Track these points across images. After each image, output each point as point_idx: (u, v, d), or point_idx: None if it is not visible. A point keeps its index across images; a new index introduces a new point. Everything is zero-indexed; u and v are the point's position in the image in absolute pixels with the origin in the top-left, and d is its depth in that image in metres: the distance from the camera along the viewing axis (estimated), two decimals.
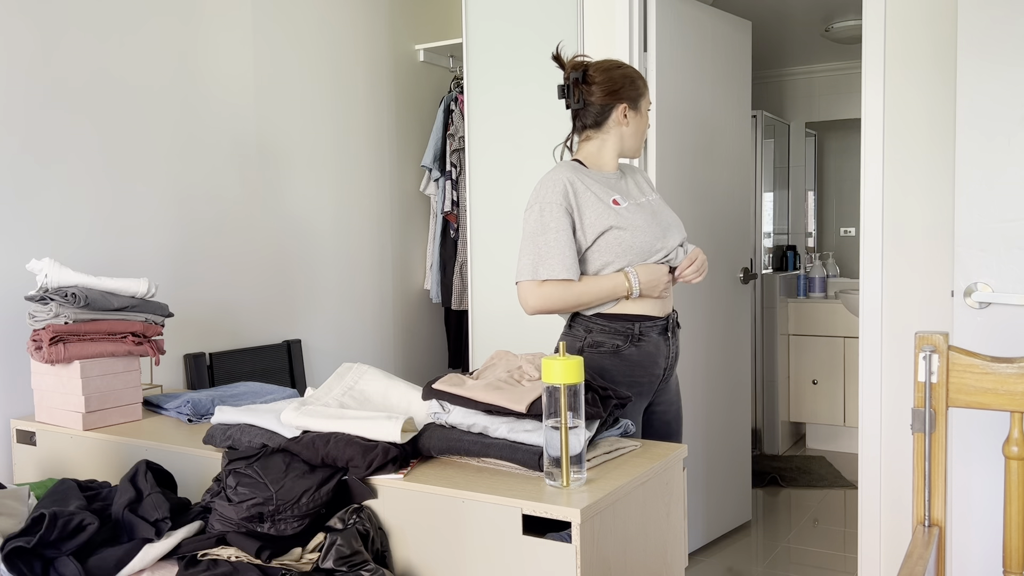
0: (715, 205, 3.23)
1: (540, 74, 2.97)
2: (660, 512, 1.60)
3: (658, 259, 1.96)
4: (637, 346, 1.95)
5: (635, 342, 1.95)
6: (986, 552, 1.98)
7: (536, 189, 1.95)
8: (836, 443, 4.54)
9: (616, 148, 2.04)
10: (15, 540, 1.44)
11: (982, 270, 1.93)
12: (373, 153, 3.37)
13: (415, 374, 3.60)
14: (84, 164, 2.36)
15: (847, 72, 4.79)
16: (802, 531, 3.38)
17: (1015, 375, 1.38)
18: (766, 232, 4.72)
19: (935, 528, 1.43)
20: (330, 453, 1.53)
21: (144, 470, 1.61)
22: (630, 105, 2.01)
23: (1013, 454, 1.39)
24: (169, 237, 2.59)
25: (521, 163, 3.03)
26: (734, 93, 3.33)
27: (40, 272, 2.01)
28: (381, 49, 3.39)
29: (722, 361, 3.30)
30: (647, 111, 2.06)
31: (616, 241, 1.91)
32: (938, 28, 2.39)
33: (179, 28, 2.60)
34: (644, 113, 2.05)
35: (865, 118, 2.50)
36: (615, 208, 1.93)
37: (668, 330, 2.00)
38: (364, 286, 3.34)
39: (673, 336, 2.03)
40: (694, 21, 3.08)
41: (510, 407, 1.51)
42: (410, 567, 1.51)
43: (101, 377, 2.02)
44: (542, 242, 1.89)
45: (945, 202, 2.40)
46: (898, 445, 2.50)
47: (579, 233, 1.92)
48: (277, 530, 1.46)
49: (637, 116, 2.03)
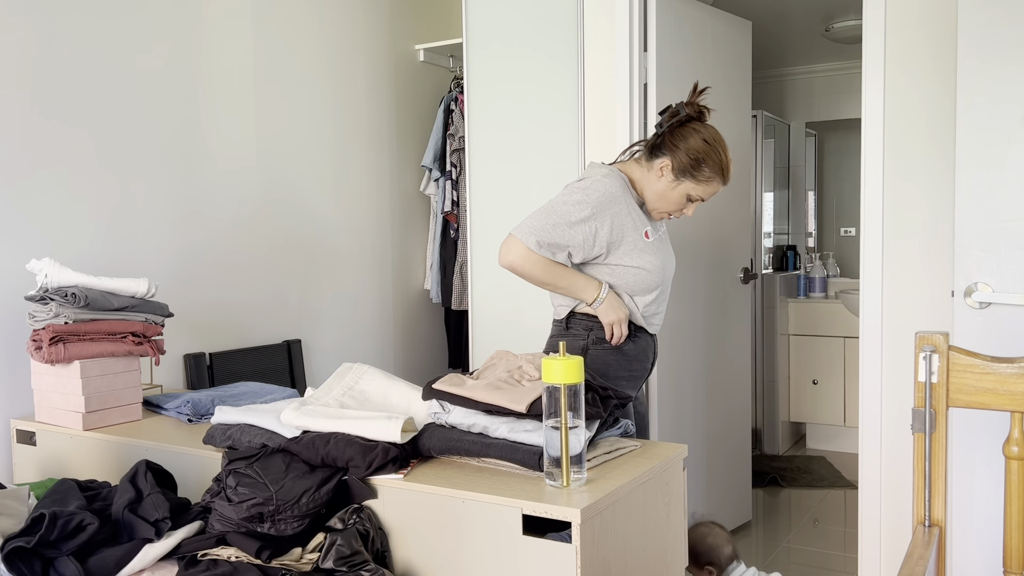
0: (715, 205, 3.23)
1: (541, 74, 2.97)
2: (660, 512, 1.60)
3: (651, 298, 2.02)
4: (634, 341, 2.03)
5: (631, 338, 2.03)
6: (986, 552, 1.98)
7: (588, 184, 1.95)
8: (836, 443, 4.54)
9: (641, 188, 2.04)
10: (15, 540, 1.44)
11: (982, 270, 1.93)
12: (373, 153, 3.37)
13: (415, 374, 3.60)
14: (84, 164, 2.36)
15: (847, 72, 4.79)
16: (802, 531, 3.38)
17: (1015, 375, 1.38)
18: (766, 232, 4.72)
19: (935, 528, 1.42)
20: (330, 453, 1.53)
21: (144, 470, 1.61)
22: (674, 168, 1.96)
23: (1013, 454, 1.39)
24: (169, 237, 2.59)
25: (521, 163, 3.03)
26: (734, 93, 3.33)
27: (40, 272, 2.01)
28: (381, 49, 3.39)
29: (722, 361, 3.30)
30: (686, 195, 1.98)
31: (633, 275, 1.97)
32: (938, 28, 2.39)
33: (179, 28, 2.60)
34: (681, 190, 1.98)
35: (865, 118, 2.50)
36: (644, 243, 1.97)
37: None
38: (364, 286, 3.34)
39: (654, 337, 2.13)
40: (694, 21, 3.08)
41: (510, 407, 1.51)
42: (410, 567, 1.51)
43: (101, 377, 2.02)
44: (553, 223, 1.91)
45: (945, 202, 2.40)
46: (898, 445, 2.50)
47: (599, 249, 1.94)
48: (277, 530, 1.46)
49: (673, 183, 1.97)
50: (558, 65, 2.94)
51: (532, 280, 1.95)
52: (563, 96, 2.93)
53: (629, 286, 1.98)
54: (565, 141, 2.93)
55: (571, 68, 2.91)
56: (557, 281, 1.94)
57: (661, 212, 2.03)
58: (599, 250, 1.94)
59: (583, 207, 1.91)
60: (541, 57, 2.97)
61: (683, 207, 2.01)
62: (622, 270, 1.97)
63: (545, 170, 2.98)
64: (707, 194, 1.99)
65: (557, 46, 2.94)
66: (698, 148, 1.94)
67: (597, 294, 1.94)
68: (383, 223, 3.43)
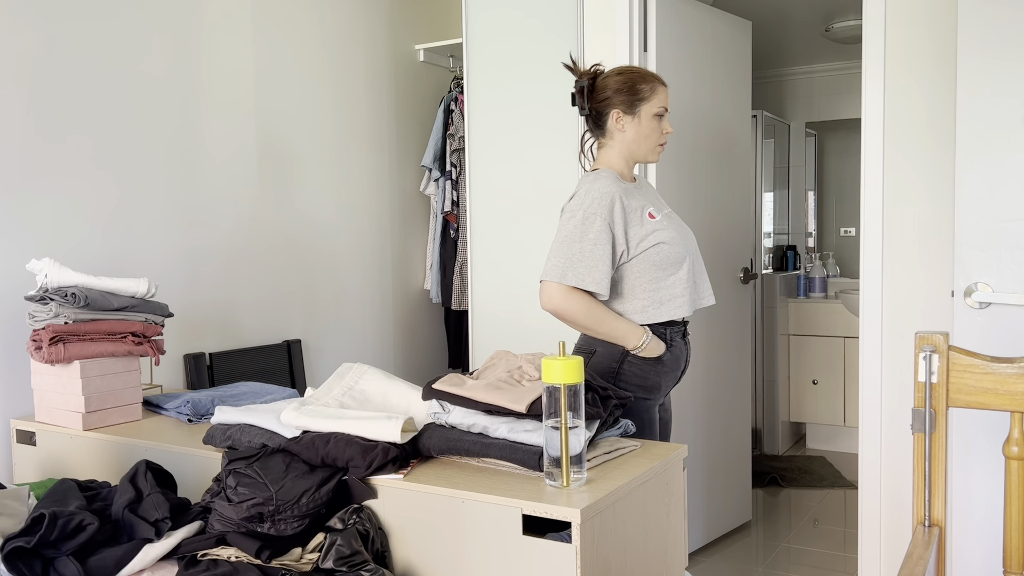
0: (715, 205, 3.23)
1: (540, 74, 2.97)
2: (660, 512, 1.60)
3: (685, 269, 2.00)
4: (670, 350, 2.02)
5: (668, 347, 2.01)
6: (986, 552, 1.98)
7: (582, 196, 1.96)
8: (836, 443, 4.54)
9: (624, 156, 2.04)
10: (15, 540, 1.44)
11: (982, 270, 1.93)
12: (373, 153, 3.37)
13: (415, 374, 3.60)
14: (84, 165, 2.36)
15: (847, 72, 4.79)
16: (802, 531, 3.38)
17: (1015, 375, 1.38)
18: (766, 232, 4.72)
19: (935, 528, 1.42)
20: (330, 453, 1.53)
21: (144, 470, 1.61)
22: (624, 110, 2.00)
23: (1013, 454, 1.39)
24: (169, 237, 2.59)
25: (521, 163, 3.03)
26: (734, 93, 3.33)
27: (40, 272, 2.01)
28: (381, 49, 3.39)
29: (722, 361, 3.30)
30: (654, 116, 2.01)
31: (656, 254, 1.95)
32: (938, 27, 2.39)
33: (179, 28, 2.60)
34: (646, 118, 2.01)
35: (865, 118, 2.50)
36: (652, 222, 1.96)
37: (685, 333, 2.09)
38: (364, 286, 3.34)
39: (687, 337, 2.10)
40: (694, 21, 3.08)
41: (510, 407, 1.51)
42: (410, 567, 1.51)
43: (101, 377, 2.02)
44: (577, 249, 1.90)
45: (945, 202, 2.40)
46: (898, 445, 2.50)
47: (622, 247, 1.94)
48: (277, 530, 1.46)
49: (635, 121, 2.01)
50: (558, 65, 2.94)
51: (576, 323, 1.93)
52: (563, 96, 2.93)
53: (660, 265, 1.96)
54: (565, 141, 2.93)
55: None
56: (598, 324, 1.92)
57: (654, 149, 2.05)
58: (621, 247, 1.94)
59: (590, 220, 1.92)
60: (541, 57, 2.97)
61: (661, 128, 2.04)
62: (646, 254, 1.95)
63: (545, 170, 2.98)
64: (663, 102, 2.02)
65: (557, 46, 2.94)
66: (620, 81, 2.00)
67: (640, 340, 1.94)
68: (383, 223, 3.43)
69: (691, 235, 2.09)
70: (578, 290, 1.91)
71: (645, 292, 1.97)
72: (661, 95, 2.02)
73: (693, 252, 2.06)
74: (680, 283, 2.00)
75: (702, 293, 2.10)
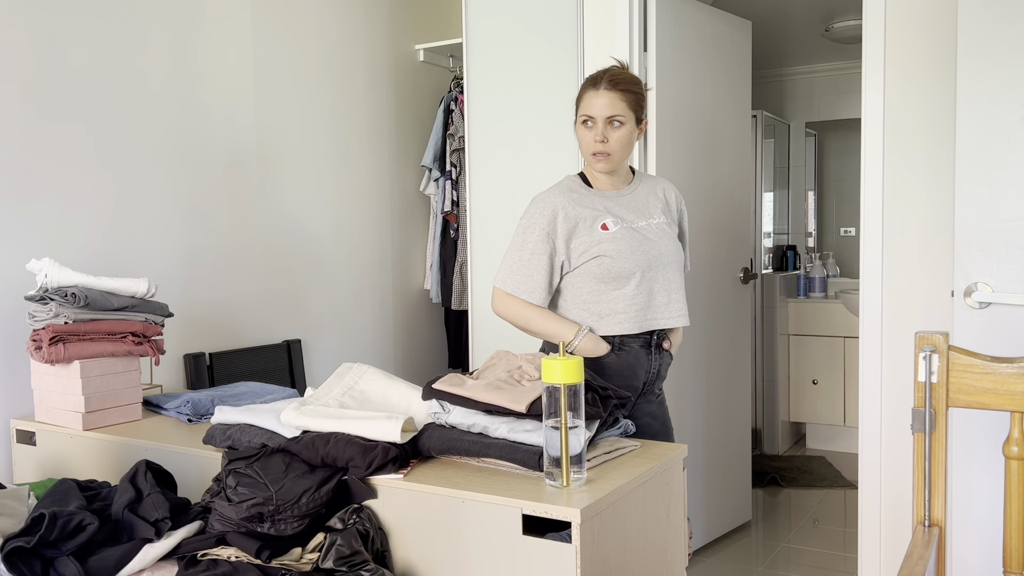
0: (715, 205, 3.23)
1: (540, 74, 2.97)
2: (660, 512, 1.60)
3: (633, 285, 1.93)
4: (618, 355, 1.97)
5: (615, 351, 1.97)
6: (986, 552, 1.98)
7: (530, 205, 1.99)
8: (836, 443, 4.54)
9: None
10: (15, 540, 1.44)
11: (982, 270, 1.93)
12: (373, 153, 3.37)
13: (415, 374, 3.60)
14: (84, 164, 2.36)
15: (847, 72, 4.79)
16: (802, 531, 3.38)
17: (1015, 375, 1.38)
18: (766, 232, 4.72)
19: (935, 528, 1.43)
20: (330, 453, 1.53)
21: (144, 470, 1.61)
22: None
23: (1013, 454, 1.39)
24: (169, 237, 2.59)
25: (521, 162, 3.03)
26: (734, 93, 3.33)
27: (40, 272, 2.01)
28: (381, 49, 3.39)
29: (722, 361, 3.30)
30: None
31: (598, 266, 1.93)
32: (938, 28, 2.39)
33: (179, 28, 2.60)
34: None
35: (865, 118, 2.50)
36: (602, 234, 1.93)
37: (651, 345, 1.99)
38: (364, 286, 3.34)
39: (657, 352, 2.01)
40: (694, 21, 3.08)
41: (510, 407, 1.51)
42: (410, 567, 1.51)
43: (101, 377, 2.02)
44: (517, 259, 1.97)
45: (945, 202, 2.40)
46: (898, 445, 2.50)
47: (562, 258, 1.96)
48: (277, 530, 1.46)
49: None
50: (558, 65, 2.94)
51: (516, 325, 1.99)
52: (563, 95, 2.93)
53: (601, 278, 1.93)
54: (565, 141, 2.93)
55: (571, 68, 2.91)
56: (532, 325, 1.97)
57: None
58: (562, 257, 1.95)
59: (530, 230, 1.95)
60: (541, 57, 2.97)
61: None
62: (587, 265, 1.93)
63: (545, 170, 2.98)
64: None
65: (557, 46, 2.94)
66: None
67: (571, 339, 1.93)
68: (383, 223, 3.43)
69: (657, 253, 1.96)
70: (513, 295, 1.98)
71: (585, 304, 1.96)
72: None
73: (654, 268, 1.95)
74: (624, 299, 1.93)
75: (659, 312, 1.97)
